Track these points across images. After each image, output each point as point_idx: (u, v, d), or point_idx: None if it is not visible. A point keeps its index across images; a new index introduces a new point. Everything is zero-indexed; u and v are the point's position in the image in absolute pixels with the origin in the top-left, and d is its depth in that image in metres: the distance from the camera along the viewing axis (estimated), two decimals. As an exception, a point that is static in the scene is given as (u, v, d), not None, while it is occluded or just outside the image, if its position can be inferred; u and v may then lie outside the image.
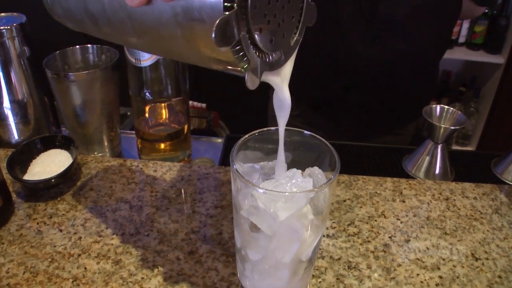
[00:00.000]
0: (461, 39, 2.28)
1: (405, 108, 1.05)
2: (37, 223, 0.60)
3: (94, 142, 0.77)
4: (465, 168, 0.78)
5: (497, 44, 2.18)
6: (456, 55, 2.25)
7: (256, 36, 0.30)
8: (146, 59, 0.66)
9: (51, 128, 0.80)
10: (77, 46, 0.74)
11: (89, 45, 0.75)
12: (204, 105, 1.07)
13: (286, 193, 0.39)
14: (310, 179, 0.41)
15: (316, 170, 0.43)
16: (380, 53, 0.94)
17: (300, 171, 0.43)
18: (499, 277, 0.54)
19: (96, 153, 0.78)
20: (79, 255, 0.56)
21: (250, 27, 0.29)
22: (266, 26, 0.30)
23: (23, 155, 0.67)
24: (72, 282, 0.52)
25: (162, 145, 0.76)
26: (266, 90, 1.14)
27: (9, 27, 0.69)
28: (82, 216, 0.62)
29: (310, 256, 0.44)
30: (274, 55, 0.33)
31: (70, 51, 0.74)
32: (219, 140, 0.90)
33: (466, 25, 2.22)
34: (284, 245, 0.41)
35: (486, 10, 2.12)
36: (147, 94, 0.70)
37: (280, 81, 0.36)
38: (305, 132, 0.44)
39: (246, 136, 0.44)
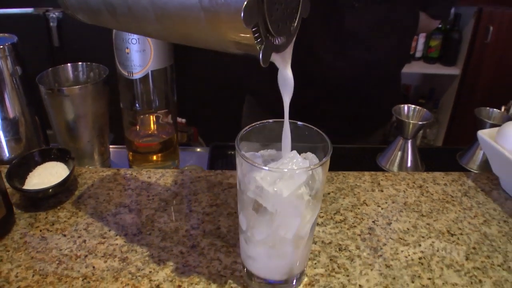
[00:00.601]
0: (418, 54, 2.44)
1: (373, 116, 1.13)
2: (40, 230, 0.63)
3: (86, 156, 0.80)
4: (433, 161, 0.86)
5: (452, 57, 2.34)
6: (414, 69, 2.39)
7: (268, 21, 0.36)
8: (138, 72, 0.71)
9: (42, 146, 0.83)
10: (68, 64, 0.78)
11: (79, 63, 0.79)
12: (184, 120, 1.12)
13: (288, 169, 0.45)
14: (306, 160, 0.47)
15: (310, 154, 0.49)
16: (347, 64, 1.00)
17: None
18: (474, 248, 0.61)
19: (87, 166, 0.81)
20: (86, 256, 0.59)
21: (265, 13, 0.35)
22: (276, 13, 0.37)
23: (21, 168, 0.70)
24: (82, 280, 0.55)
25: (154, 157, 0.80)
26: (240, 108, 1.21)
27: (1, 47, 0.72)
28: (83, 222, 0.65)
29: (308, 233, 0.49)
30: (279, 39, 0.39)
31: (61, 68, 0.78)
32: (203, 150, 0.95)
33: (422, 40, 2.37)
34: (287, 222, 0.47)
35: (440, 25, 2.28)
36: (138, 105, 0.75)
37: (284, 62, 0.42)
38: (299, 122, 0.50)
39: (247, 127, 0.49)
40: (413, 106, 0.82)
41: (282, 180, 0.44)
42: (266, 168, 0.43)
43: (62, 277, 0.56)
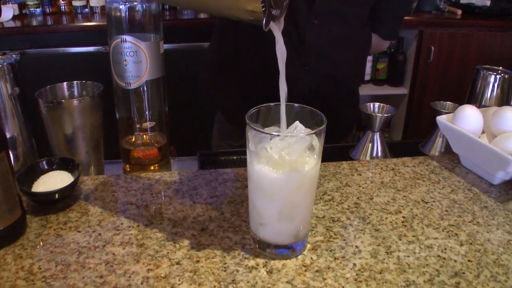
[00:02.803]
0: (367, 77, 2.64)
1: (335, 127, 1.24)
2: (54, 229, 0.68)
3: (83, 168, 0.86)
4: (399, 152, 0.98)
5: (399, 78, 2.56)
6: (364, 91, 2.58)
7: None
8: (135, 82, 0.79)
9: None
10: (64, 83, 0.86)
11: (74, 82, 0.87)
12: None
13: (294, 135, 0.54)
14: (306, 128, 0.57)
15: (298, 124, 0.58)
16: (309, 77, 1.11)
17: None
18: (446, 211, 0.72)
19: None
20: (104, 245, 0.65)
21: None
22: None
23: (26, 177, 0.75)
24: (105, 265, 0.61)
25: (152, 167, 0.87)
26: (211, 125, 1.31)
27: (0, 66, 0.79)
28: (95, 219, 0.71)
29: (313, 193, 0.58)
30: (276, 11, 0.52)
31: (58, 86, 0.85)
32: (190, 160, 1.03)
33: (369, 64, 2.58)
34: (294, 185, 0.56)
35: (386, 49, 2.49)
36: (133, 114, 0.83)
37: (278, 29, 0.55)
38: (296, 104, 0.60)
39: (253, 109, 0.59)
40: (377, 103, 0.94)
41: (290, 145, 0.53)
42: (276, 133, 0.52)
43: (85, 264, 0.61)
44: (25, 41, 2.12)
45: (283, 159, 0.53)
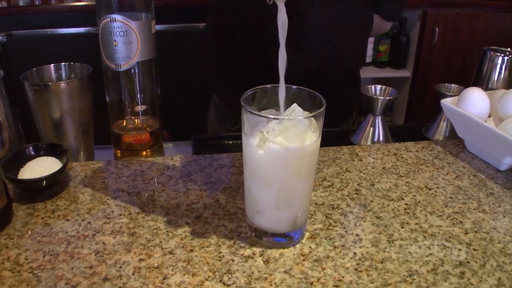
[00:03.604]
0: (368, 59, 2.62)
1: (335, 110, 1.24)
2: (42, 218, 0.67)
3: (72, 154, 0.85)
4: (401, 137, 0.97)
5: (401, 60, 2.53)
6: (366, 74, 2.56)
7: None
8: (125, 64, 0.77)
9: (24, 147, 0.87)
10: (51, 64, 0.84)
11: (62, 63, 0.85)
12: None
13: (293, 118, 0.53)
14: (304, 111, 0.55)
15: (295, 106, 0.57)
16: (308, 58, 1.09)
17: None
18: (450, 198, 0.72)
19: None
20: (94, 234, 0.64)
21: None
22: None
23: (12, 164, 0.73)
24: (95, 254, 0.60)
25: (144, 153, 0.86)
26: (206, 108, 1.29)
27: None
28: (84, 207, 0.69)
29: (312, 177, 0.57)
30: None
31: (44, 68, 0.83)
32: (184, 145, 1.02)
33: (371, 45, 2.55)
34: (295, 167, 0.55)
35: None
36: (124, 97, 0.81)
37: (281, 2, 0.54)
38: (293, 86, 0.59)
39: (249, 91, 0.57)
40: (379, 86, 0.93)
41: (289, 128, 0.52)
42: (273, 116, 0.51)
43: (74, 254, 0.60)
44: (12, 22, 2.09)
45: (280, 143, 0.52)
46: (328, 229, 0.64)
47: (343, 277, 0.56)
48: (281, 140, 0.52)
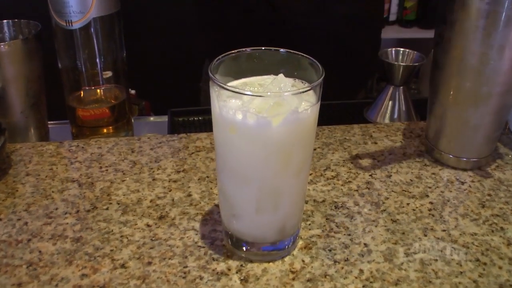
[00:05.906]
0: (392, 17, 2.46)
1: (353, 73, 1.16)
2: (-32, 217, 0.58)
3: (19, 132, 0.75)
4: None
5: (430, 18, 2.37)
6: (389, 34, 2.41)
7: None
8: (78, 20, 0.66)
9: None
10: (-10, 21, 0.73)
11: (3, 21, 0.74)
12: (134, 91, 1.08)
13: (275, 92, 0.41)
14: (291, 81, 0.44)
15: (282, 77, 0.45)
16: (324, 17, 1.06)
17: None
18: (489, 195, 0.60)
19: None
20: (29, 239, 0.54)
21: None
22: None
23: None
24: (27, 267, 0.50)
25: (104, 130, 0.75)
26: (196, 76, 1.19)
27: None
28: (23, 202, 0.60)
29: (306, 169, 0.46)
30: None
31: (-19, 26, 0.73)
32: (160, 119, 0.91)
33: (395, 1, 2.39)
34: (281, 156, 0.43)
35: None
36: (80, 63, 0.70)
37: None
38: (282, 50, 0.47)
39: (220, 56, 0.46)
40: (401, 49, 0.81)
41: (272, 107, 0.40)
42: (251, 93, 0.40)
43: (1, 266, 0.51)
44: None
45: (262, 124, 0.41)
46: (328, 236, 0.54)
47: (343, 306, 0.45)
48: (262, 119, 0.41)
